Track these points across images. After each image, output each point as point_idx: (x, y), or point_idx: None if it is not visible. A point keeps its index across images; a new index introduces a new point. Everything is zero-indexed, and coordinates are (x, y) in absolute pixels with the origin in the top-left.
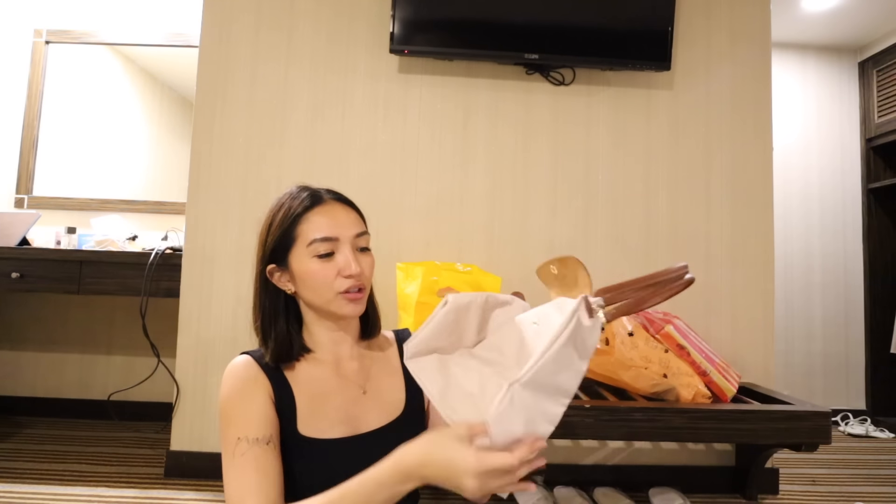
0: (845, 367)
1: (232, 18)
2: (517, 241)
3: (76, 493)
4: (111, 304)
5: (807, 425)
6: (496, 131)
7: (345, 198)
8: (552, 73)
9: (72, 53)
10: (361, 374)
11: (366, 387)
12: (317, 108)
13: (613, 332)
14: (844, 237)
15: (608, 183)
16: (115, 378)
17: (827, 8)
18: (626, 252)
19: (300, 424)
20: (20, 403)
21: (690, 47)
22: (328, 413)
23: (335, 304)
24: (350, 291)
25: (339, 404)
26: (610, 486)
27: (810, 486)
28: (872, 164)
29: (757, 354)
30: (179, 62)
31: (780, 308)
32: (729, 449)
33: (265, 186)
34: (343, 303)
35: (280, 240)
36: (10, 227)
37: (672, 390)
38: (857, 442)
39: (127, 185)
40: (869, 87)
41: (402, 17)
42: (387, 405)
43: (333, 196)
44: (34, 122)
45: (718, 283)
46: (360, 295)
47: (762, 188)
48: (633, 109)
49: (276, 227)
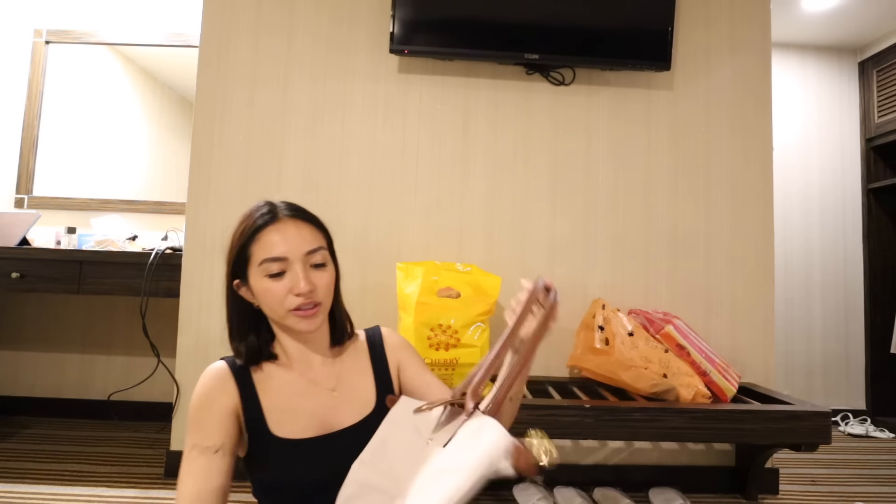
0: (845, 367)
1: (232, 18)
2: (517, 241)
3: (76, 493)
4: (111, 304)
5: (807, 425)
6: (496, 131)
7: (303, 213)
8: (552, 73)
9: (72, 53)
10: (332, 377)
11: (336, 388)
12: (316, 108)
13: (613, 333)
14: (844, 237)
15: (608, 183)
16: (115, 378)
17: (827, 8)
18: (626, 252)
19: (272, 426)
20: (20, 403)
21: (690, 47)
22: (299, 415)
23: (289, 321)
24: (301, 308)
25: (310, 406)
26: (610, 486)
27: (810, 486)
28: (872, 164)
29: (757, 354)
30: (179, 62)
31: (779, 308)
32: (729, 449)
33: (265, 186)
34: (295, 320)
35: (238, 257)
36: (10, 227)
37: (672, 390)
38: (857, 442)
39: (127, 185)
40: (869, 87)
41: (402, 17)
42: (358, 404)
43: (290, 213)
44: (34, 122)
45: (718, 283)
46: (312, 311)
47: (762, 188)
48: (633, 109)
49: (234, 245)
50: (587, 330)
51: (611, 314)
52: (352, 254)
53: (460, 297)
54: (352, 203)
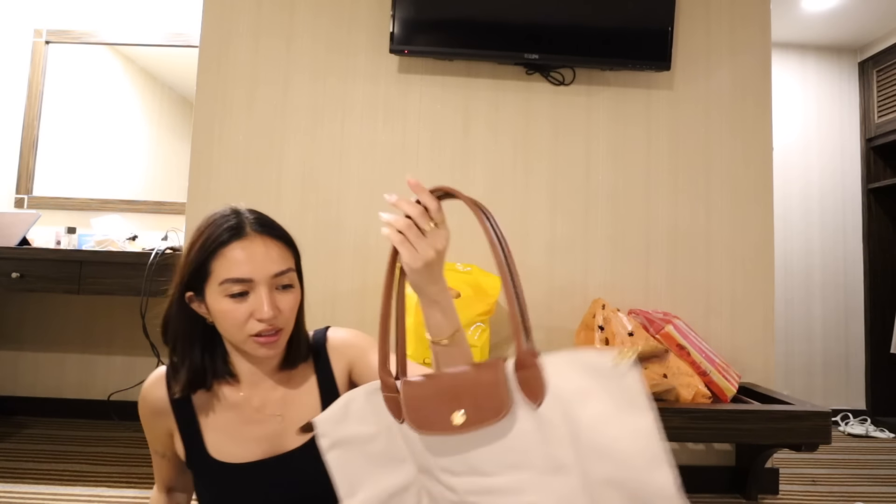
0: (845, 367)
1: (232, 19)
2: (517, 241)
3: (76, 493)
4: (111, 304)
5: (807, 425)
6: (496, 131)
7: (273, 229)
8: (552, 73)
9: (72, 53)
10: (279, 401)
11: (282, 412)
12: (317, 108)
13: (613, 333)
14: (844, 237)
15: (608, 183)
16: (115, 378)
17: (827, 8)
18: (626, 252)
19: (211, 449)
20: (20, 403)
21: (690, 47)
22: (243, 439)
23: (247, 346)
24: (263, 335)
25: (255, 431)
26: None
27: (810, 486)
28: (872, 164)
29: (757, 354)
30: (179, 62)
31: (780, 308)
32: (729, 449)
33: (265, 187)
34: (255, 346)
35: (196, 271)
36: (10, 227)
37: (672, 390)
38: (857, 442)
39: (127, 185)
40: (869, 87)
41: (402, 17)
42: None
43: (258, 228)
44: (34, 122)
45: (718, 283)
46: (274, 338)
47: (762, 188)
48: (633, 109)
49: (193, 256)
50: (587, 330)
51: (611, 314)
52: (352, 254)
53: (460, 298)
54: (352, 203)
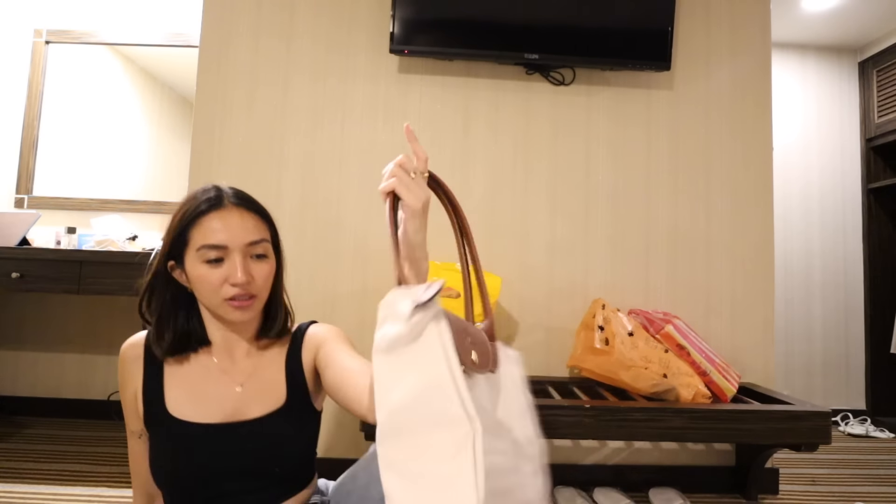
0: (845, 367)
1: (232, 19)
2: (517, 241)
3: (76, 493)
4: (111, 304)
5: (807, 425)
6: (496, 131)
7: (249, 203)
8: (552, 73)
9: (72, 53)
10: (246, 370)
11: (245, 382)
12: (317, 109)
13: (613, 332)
14: (844, 237)
15: (608, 183)
16: (115, 378)
17: (827, 8)
18: (626, 252)
19: (170, 406)
20: (20, 403)
21: (690, 47)
22: (204, 399)
23: (222, 310)
24: (237, 299)
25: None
26: (610, 486)
27: (810, 486)
28: (872, 164)
29: (757, 354)
30: (179, 62)
31: (780, 308)
32: (729, 449)
33: (265, 187)
34: (229, 309)
35: (176, 239)
36: (10, 227)
37: (672, 390)
38: (857, 442)
39: (127, 185)
40: (869, 87)
41: (402, 17)
42: (265, 398)
43: (235, 200)
44: (34, 122)
45: (718, 283)
46: (247, 303)
47: (762, 188)
48: (633, 109)
49: (174, 227)
50: (587, 330)
51: (611, 314)
52: (352, 254)
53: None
54: (352, 203)
